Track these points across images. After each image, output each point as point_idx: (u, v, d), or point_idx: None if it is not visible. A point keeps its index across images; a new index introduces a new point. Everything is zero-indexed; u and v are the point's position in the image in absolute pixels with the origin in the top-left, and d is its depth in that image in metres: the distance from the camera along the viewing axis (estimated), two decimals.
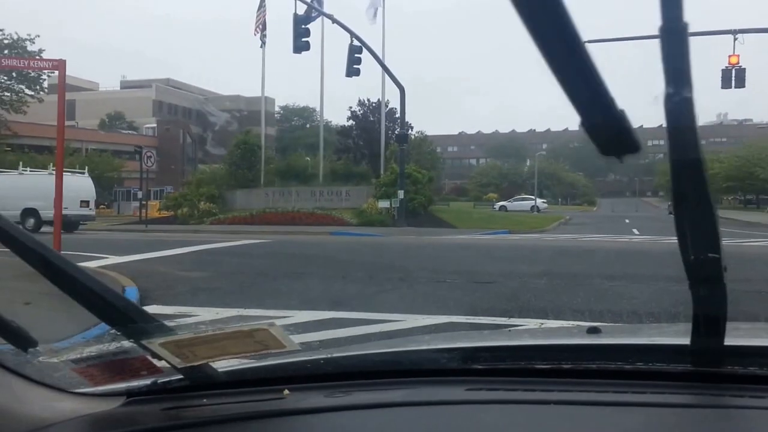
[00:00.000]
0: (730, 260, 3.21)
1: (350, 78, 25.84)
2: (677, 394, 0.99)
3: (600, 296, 8.17)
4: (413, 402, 1.08)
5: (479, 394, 1.10)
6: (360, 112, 38.44)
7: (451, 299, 7.97)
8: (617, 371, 1.08)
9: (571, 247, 16.55)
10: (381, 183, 28.54)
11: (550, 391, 1.05)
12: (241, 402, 1.09)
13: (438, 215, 29.58)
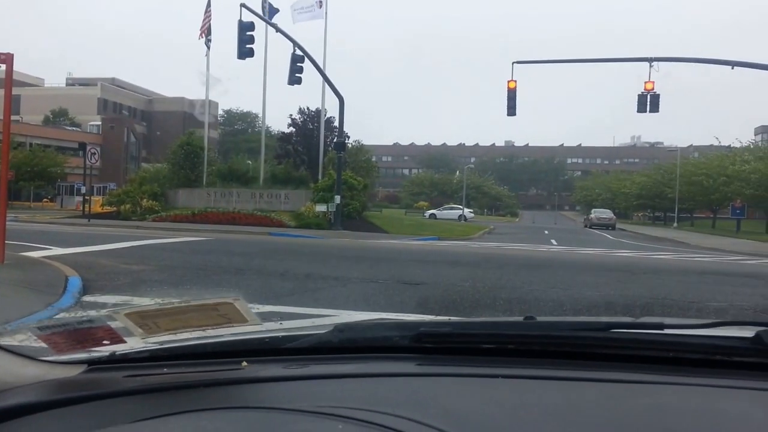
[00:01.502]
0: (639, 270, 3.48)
1: (292, 86, 25.65)
2: (598, 370, 1.10)
3: (521, 299, 8.43)
4: (366, 374, 1.11)
5: (430, 368, 1.14)
6: (300, 120, 38.17)
7: (383, 298, 8.06)
8: (554, 351, 1.18)
9: (494, 255, 16.94)
10: (319, 188, 28.43)
11: (497, 367, 1.13)
12: (200, 372, 1.09)
13: (371, 221, 29.68)
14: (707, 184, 47.56)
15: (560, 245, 23.78)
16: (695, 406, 0.98)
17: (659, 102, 24.07)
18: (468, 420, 0.91)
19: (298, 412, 0.92)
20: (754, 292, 10.00)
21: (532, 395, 1.03)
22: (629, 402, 0.99)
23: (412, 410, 0.92)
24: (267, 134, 39.63)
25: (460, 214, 54.76)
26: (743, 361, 1.12)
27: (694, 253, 22.17)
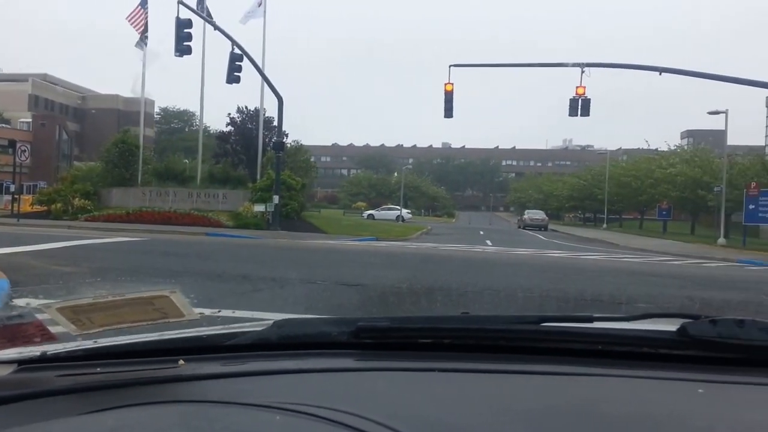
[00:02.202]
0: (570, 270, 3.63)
1: (231, 85, 25.20)
2: (531, 363, 1.14)
3: (457, 299, 8.57)
4: (305, 369, 1.11)
5: (369, 363, 1.16)
6: (239, 119, 37.54)
7: (321, 299, 8.03)
8: (489, 345, 1.21)
9: (432, 255, 17.13)
10: (257, 188, 28.05)
11: (434, 361, 1.15)
12: (136, 370, 1.07)
13: (310, 221, 29.51)
14: (635, 186, 49.50)
15: (495, 246, 24.28)
16: (623, 397, 1.02)
17: (590, 106, 24.90)
18: (405, 412, 0.93)
19: (236, 404, 0.92)
20: (680, 292, 10.49)
21: (468, 387, 1.06)
22: (560, 393, 1.03)
23: (351, 404, 0.92)
24: (205, 133, 38.74)
25: (398, 214, 55.10)
26: (669, 353, 1.16)
27: (623, 253, 23.08)
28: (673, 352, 1.16)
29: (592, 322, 1.27)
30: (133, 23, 30.29)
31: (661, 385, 1.07)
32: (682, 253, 23.77)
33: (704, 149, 45.59)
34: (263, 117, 33.38)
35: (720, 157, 35.27)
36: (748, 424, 0.91)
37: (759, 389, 1.07)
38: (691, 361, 1.14)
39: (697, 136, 67.52)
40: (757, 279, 14.03)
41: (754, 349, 1.11)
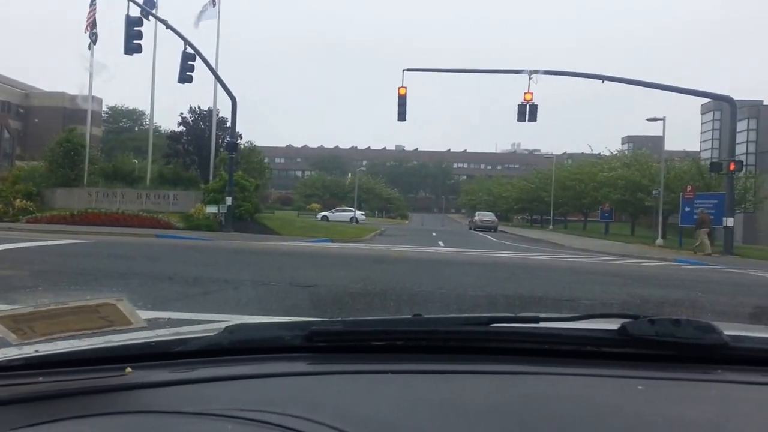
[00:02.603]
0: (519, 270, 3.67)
1: (183, 84, 24.71)
2: (481, 363, 1.16)
3: (410, 299, 8.60)
4: (257, 374, 1.09)
5: (322, 367, 1.14)
6: (191, 119, 36.76)
7: (275, 301, 7.93)
8: (440, 346, 1.22)
9: (385, 256, 17.18)
10: (209, 189, 27.54)
11: (387, 363, 1.15)
12: (80, 380, 1.03)
13: (264, 222, 29.14)
14: (579, 189, 50.90)
15: (447, 247, 24.54)
16: (568, 394, 1.04)
17: (537, 112, 25.49)
18: (358, 415, 0.93)
19: (186, 414, 0.89)
20: (621, 290, 10.80)
21: (420, 388, 1.07)
22: (509, 391, 1.05)
23: (304, 409, 0.92)
24: (156, 133, 37.84)
25: (352, 216, 55.05)
26: (611, 351, 1.19)
27: (568, 253, 23.66)
28: (614, 350, 1.19)
29: (539, 322, 1.30)
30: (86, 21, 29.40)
31: (604, 382, 1.11)
32: (622, 253, 24.50)
33: (643, 154, 47.19)
34: (216, 117, 32.84)
35: (658, 162, 36.53)
36: (683, 418, 0.95)
37: (693, 385, 1.11)
38: (632, 358, 1.17)
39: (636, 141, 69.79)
40: (692, 277, 14.58)
41: (689, 346, 1.15)
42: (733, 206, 26.10)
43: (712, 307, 8.87)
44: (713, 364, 1.16)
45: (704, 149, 63.16)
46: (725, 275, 15.82)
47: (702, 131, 67.29)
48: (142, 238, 20.21)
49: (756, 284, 13.50)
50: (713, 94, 28.23)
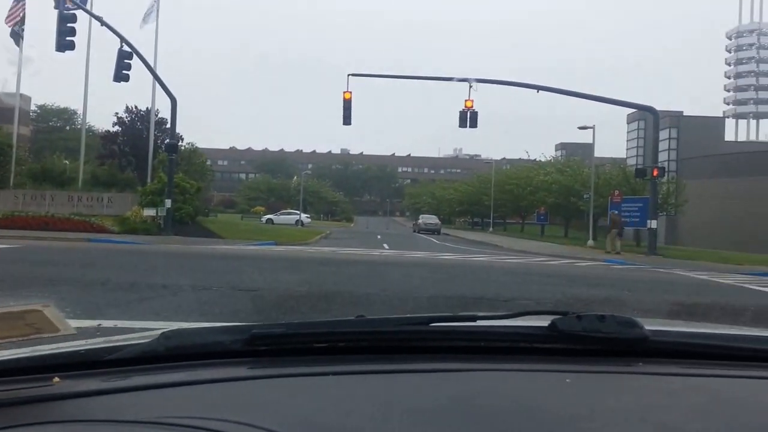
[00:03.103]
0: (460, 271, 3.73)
1: (119, 83, 23.88)
2: (421, 362, 1.18)
3: (355, 301, 8.59)
4: (196, 381, 1.06)
5: (263, 371, 1.12)
6: (127, 119, 35.55)
7: (217, 306, 7.75)
8: (382, 346, 1.23)
9: (330, 259, 17.10)
10: (147, 191, 26.71)
11: (329, 365, 1.15)
12: (4, 390, 0.96)
13: (206, 225, 28.52)
14: (517, 193, 52.14)
15: (391, 249, 24.66)
16: (501, 388, 1.08)
17: (477, 118, 26.00)
18: (299, 418, 0.92)
19: (120, 422, 0.86)
20: (555, 289, 11.14)
21: (361, 389, 1.08)
22: (447, 388, 1.07)
23: (243, 413, 0.90)
24: (89, 133, 36.52)
25: (298, 219, 54.62)
26: (542, 346, 1.24)
27: (506, 255, 24.21)
28: (545, 345, 1.24)
29: (476, 320, 1.32)
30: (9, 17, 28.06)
31: (535, 375, 1.15)
32: (557, 254, 25.27)
33: (575, 160, 48.83)
34: (155, 118, 31.95)
35: (589, 168, 37.85)
36: (606, 408, 0.99)
37: (617, 377, 1.16)
38: (561, 353, 1.23)
39: (569, 148, 72.21)
40: (619, 277, 15.17)
41: (613, 341, 1.20)
42: (656, 209, 27.26)
43: (637, 305, 9.27)
44: (635, 357, 1.22)
45: (630, 156, 65.96)
46: (649, 274, 16.53)
47: (628, 139, 70.25)
48: (73, 243, 19.42)
49: (677, 282, 14.16)
50: (638, 105, 29.50)
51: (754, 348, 1.33)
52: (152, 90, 29.33)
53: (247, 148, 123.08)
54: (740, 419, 0.97)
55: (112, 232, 23.70)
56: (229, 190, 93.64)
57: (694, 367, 1.22)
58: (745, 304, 10.07)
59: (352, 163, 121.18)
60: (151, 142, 30.89)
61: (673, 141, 60.86)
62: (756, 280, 15.49)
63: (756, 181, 45.41)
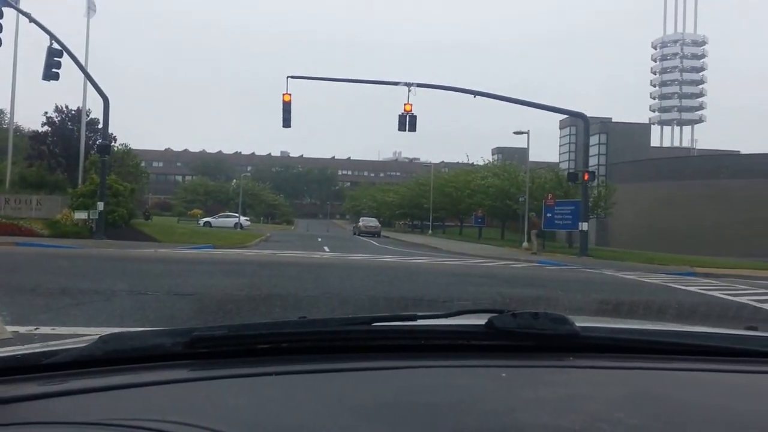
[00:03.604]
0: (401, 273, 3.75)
1: (48, 81, 22.83)
2: (363, 360, 1.19)
3: (296, 304, 8.53)
4: (136, 384, 1.04)
5: (205, 372, 1.11)
6: (57, 119, 33.99)
7: (152, 311, 7.54)
8: (325, 346, 1.24)
9: (270, 262, 16.90)
10: (78, 193, 25.63)
11: (272, 365, 1.15)
12: None
13: (140, 229, 27.60)
14: (456, 196, 52.90)
15: (332, 252, 24.59)
16: (441, 384, 1.11)
17: (416, 122, 26.25)
18: (242, 417, 0.92)
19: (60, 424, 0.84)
20: (492, 290, 11.40)
21: (303, 387, 1.08)
22: (389, 385, 1.09)
23: (185, 414, 0.89)
24: (17, 133, 34.73)
25: (237, 221, 53.65)
26: (479, 343, 1.27)
27: (445, 257, 24.55)
28: (482, 342, 1.27)
29: (417, 320, 1.35)
30: None
31: (473, 371, 1.19)
32: (493, 256, 25.82)
33: (511, 164, 49.98)
34: (87, 118, 30.71)
35: (524, 172, 38.85)
36: (539, 399, 1.03)
37: (549, 371, 1.21)
38: (498, 349, 1.26)
39: (505, 152, 73.65)
40: (552, 277, 15.65)
41: (546, 337, 1.25)
42: (587, 212, 28.11)
43: (568, 303, 9.61)
44: (567, 352, 1.27)
45: (563, 161, 67.99)
46: (581, 274, 17.08)
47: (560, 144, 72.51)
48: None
49: (606, 282, 14.72)
50: (569, 111, 30.52)
51: (676, 342, 1.40)
52: (84, 89, 28.22)
53: (184, 150, 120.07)
54: (663, 408, 1.02)
55: (42, 235, 22.62)
56: (165, 192, 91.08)
57: (621, 360, 1.28)
58: (669, 302, 10.57)
59: (292, 166, 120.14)
60: (82, 142, 29.66)
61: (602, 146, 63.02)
62: (679, 280, 16.20)
63: (680, 185, 47.44)
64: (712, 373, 1.25)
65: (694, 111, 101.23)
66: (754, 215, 42.62)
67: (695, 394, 1.14)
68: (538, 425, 0.92)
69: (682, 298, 11.31)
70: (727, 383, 1.21)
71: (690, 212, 45.49)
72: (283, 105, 25.45)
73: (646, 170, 51.97)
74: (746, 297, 11.71)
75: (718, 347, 1.38)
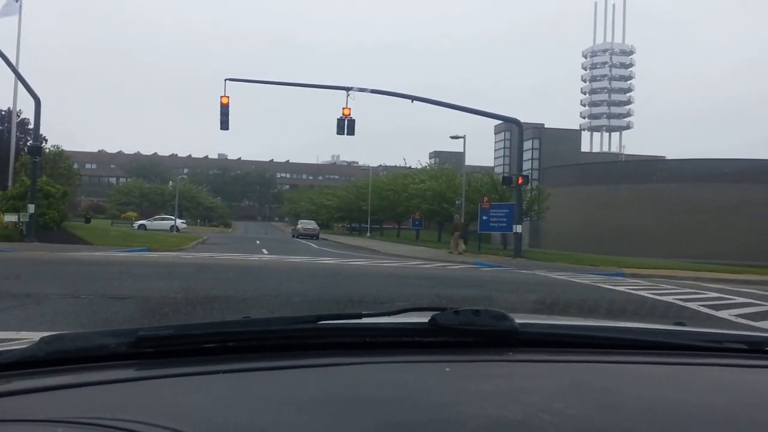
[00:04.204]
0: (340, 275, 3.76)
1: None
2: (309, 358, 1.20)
3: (235, 307, 8.40)
4: (80, 383, 1.03)
5: (151, 372, 1.10)
6: None
7: (86, 315, 7.26)
8: (271, 345, 1.24)
9: (208, 265, 16.52)
10: (8, 196, 24.37)
11: (218, 364, 1.14)
12: None
13: (73, 232, 26.45)
14: (393, 199, 53.13)
15: (271, 254, 24.28)
16: (386, 380, 1.13)
17: (355, 126, 26.28)
18: (191, 414, 0.92)
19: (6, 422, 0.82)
20: (430, 291, 11.54)
21: (251, 385, 1.08)
22: (335, 381, 1.11)
23: (135, 413, 0.89)
24: None
25: (173, 224, 52.16)
26: (423, 340, 1.29)
27: (383, 259, 24.64)
28: (426, 339, 1.29)
29: (361, 318, 1.38)
30: None
31: (417, 367, 1.20)
32: (431, 258, 25.92)
33: (448, 168, 50.66)
34: (17, 118, 29.20)
35: (460, 175, 39.45)
36: (481, 392, 1.06)
37: (490, 365, 1.24)
38: (441, 346, 1.29)
39: (442, 156, 74.52)
40: (488, 278, 15.96)
41: (487, 333, 1.28)
42: (521, 215, 28.69)
43: (504, 303, 9.85)
44: (507, 347, 1.30)
45: (498, 165, 69.56)
46: (515, 276, 17.42)
47: (495, 148, 74.11)
48: None
49: (539, 283, 15.13)
50: (503, 117, 31.12)
51: (610, 337, 1.44)
52: (14, 89, 26.80)
53: (118, 152, 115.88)
54: (600, 399, 1.06)
55: None
56: (99, 194, 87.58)
57: (559, 354, 1.32)
58: (600, 301, 10.99)
59: (230, 169, 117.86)
60: (12, 144, 28.18)
61: (535, 151, 64.66)
62: (608, 280, 16.64)
63: (608, 189, 49.19)
64: (645, 365, 1.30)
65: (622, 118, 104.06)
66: (679, 218, 44.62)
67: (630, 385, 1.17)
68: (482, 416, 0.94)
69: (612, 297, 11.65)
70: (659, 374, 1.26)
71: (618, 215, 47.06)
72: (221, 107, 24.97)
73: (577, 174, 53.46)
74: (672, 296, 12.11)
75: (650, 341, 1.44)
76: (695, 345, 1.44)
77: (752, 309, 10.62)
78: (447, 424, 0.92)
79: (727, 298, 12.43)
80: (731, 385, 1.22)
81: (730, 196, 43.80)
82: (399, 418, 0.94)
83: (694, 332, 1.59)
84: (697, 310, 10.29)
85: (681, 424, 0.98)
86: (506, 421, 0.93)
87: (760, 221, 42.96)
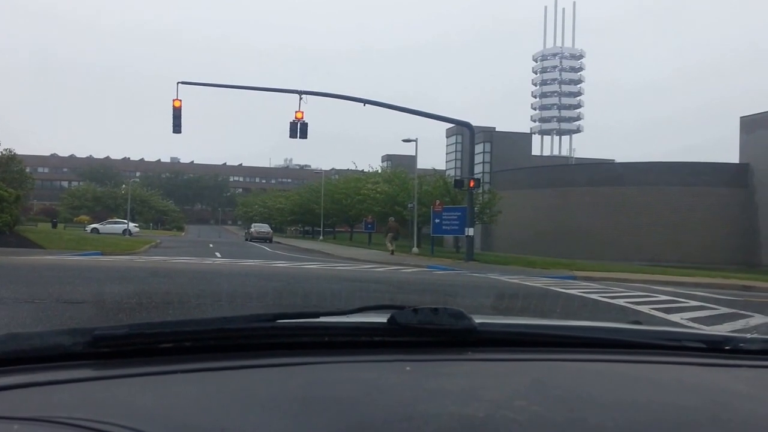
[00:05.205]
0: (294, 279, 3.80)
1: None
2: (268, 357, 1.20)
3: (188, 312, 8.26)
4: (35, 383, 1.00)
5: (108, 371, 1.07)
6: None
7: (38, 319, 7.02)
8: (229, 344, 1.23)
9: (161, 269, 16.08)
10: None
11: (175, 363, 1.12)
12: None
13: (25, 235, 25.51)
14: (346, 203, 52.76)
15: (224, 258, 23.89)
16: (345, 378, 1.12)
17: (307, 129, 26.11)
18: (150, 414, 0.91)
19: None
20: (384, 295, 11.52)
21: (209, 384, 1.06)
22: (294, 380, 1.10)
23: (92, 412, 0.87)
24: None
25: (125, 228, 50.68)
26: (382, 339, 1.28)
27: (337, 262, 24.50)
28: (385, 338, 1.28)
29: (320, 317, 1.38)
30: None
31: (377, 365, 1.19)
32: (383, 261, 25.80)
33: (400, 171, 50.67)
34: None
35: (412, 179, 39.56)
36: (441, 389, 1.06)
37: (450, 363, 1.24)
38: (400, 345, 1.28)
39: (394, 159, 74.23)
40: (441, 281, 16.02)
41: (446, 331, 1.28)
42: (473, 218, 28.71)
43: (460, 306, 9.94)
44: (466, 346, 1.29)
45: (449, 168, 69.76)
46: (467, 279, 17.39)
47: (447, 152, 74.45)
48: None
49: (491, 286, 15.10)
50: (455, 120, 31.25)
51: (568, 335, 1.46)
52: None
53: (70, 155, 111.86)
54: (560, 396, 1.07)
55: None
56: (51, 198, 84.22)
57: (518, 353, 1.32)
58: (552, 303, 11.13)
59: (182, 172, 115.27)
60: None
61: (487, 154, 64.61)
62: (561, 283, 16.61)
63: (559, 192, 49.52)
64: (603, 363, 1.30)
65: (573, 121, 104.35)
66: (630, 221, 45.07)
67: (591, 382, 1.17)
68: (444, 414, 0.93)
69: (563, 301, 11.68)
70: (620, 372, 1.26)
71: (569, 217, 47.41)
72: (173, 111, 24.49)
73: (528, 178, 53.72)
74: (623, 300, 12.05)
75: (607, 339, 1.44)
76: (655, 343, 1.44)
77: (704, 312, 10.57)
78: (408, 423, 0.90)
79: (679, 301, 12.32)
80: (691, 383, 1.22)
81: (682, 198, 44.23)
82: (359, 417, 0.93)
83: (653, 331, 1.60)
84: (650, 313, 10.12)
85: (642, 421, 0.97)
86: (469, 419, 0.91)
87: (711, 224, 43.66)
